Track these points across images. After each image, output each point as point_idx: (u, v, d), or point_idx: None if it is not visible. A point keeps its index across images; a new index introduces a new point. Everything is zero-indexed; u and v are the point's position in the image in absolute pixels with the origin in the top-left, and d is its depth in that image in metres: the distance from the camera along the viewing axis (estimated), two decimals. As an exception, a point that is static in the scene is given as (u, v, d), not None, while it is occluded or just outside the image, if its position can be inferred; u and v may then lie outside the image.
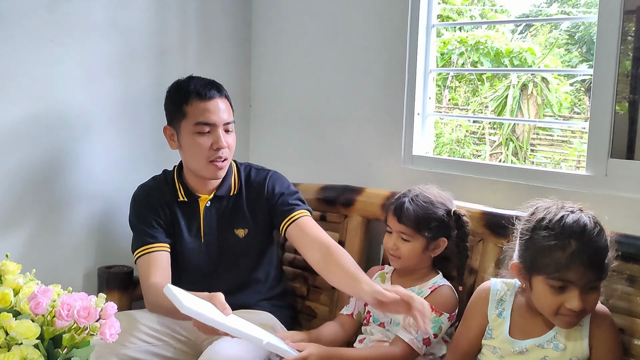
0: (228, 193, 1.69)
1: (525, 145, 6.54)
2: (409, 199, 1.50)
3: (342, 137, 2.05)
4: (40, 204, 1.76)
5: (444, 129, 7.07)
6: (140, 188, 1.72)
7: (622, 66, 1.53)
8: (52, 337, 0.94)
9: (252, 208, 1.70)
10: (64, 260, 1.81)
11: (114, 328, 0.94)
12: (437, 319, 1.43)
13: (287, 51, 2.17)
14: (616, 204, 1.50)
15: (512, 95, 6.55)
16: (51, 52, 1.72)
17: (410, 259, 1.51)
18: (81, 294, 0.94)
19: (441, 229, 1.50)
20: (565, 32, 7.54)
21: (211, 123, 1.59)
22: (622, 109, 1.57)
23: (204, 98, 1.59)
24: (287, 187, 1.72)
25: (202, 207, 1.69)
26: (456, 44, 7.15)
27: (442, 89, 7.41)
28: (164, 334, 1.61)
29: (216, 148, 1.59)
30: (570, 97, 7.06)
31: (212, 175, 1.65)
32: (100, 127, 1.86)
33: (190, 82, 1.64)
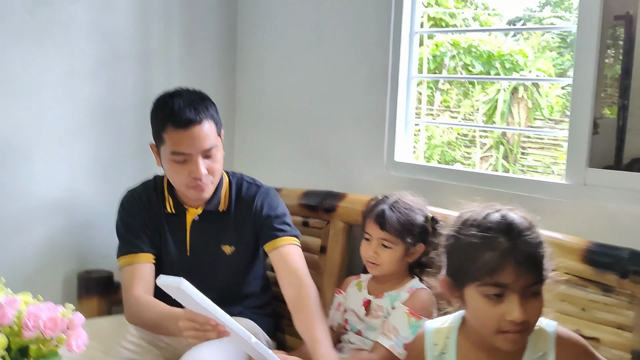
0: (217, 208, 1.65)
1: (516, 149, 6.58)
2: (388, 206, 1.50)
3: (325, 142, 2.05)
4: (17, 208, 1.74)
5: (435, 131, 7.09)
6: (129, 195, 1.68)
7: (612, 70, 1.54)
8: (19, 347, 0.93)
9: (240, 225, 1.67)
10: (42, 265, 1.80)
11: (80, 339, 0.93)
12: (416, 322, 1.43)
13: (272, 57, 2.17)
14: (595, 213, 1.51)
15: (503, 99, 6.58)
16: (32, 54, 1.71)
17: (391, 265, 1.50)
18: (48, 304, 0.93)
19: (421, 234, 1.50)
20: (557, 35, 7.58)
21: (186, 153, 1.52)
22: (612, 113, 1.58)
23: (180, 126, 1.50)
24: (275, 209, 1.66)
25: (190, 220, 1.66)
26: (448, 47, 7.18)
27: (434, 91, 7.43)
28: (143, 339, 1.61)
29: (194, 177, 1.55)
30: (561, 101, 7.10)
31: (194, 197, 1.61)
32: (82, 131, 1.86)
33: (172, 101, 1.54)
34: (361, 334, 1.51)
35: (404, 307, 1.44)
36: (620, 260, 1.34)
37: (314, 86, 2.06)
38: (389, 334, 1.42)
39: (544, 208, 1.58)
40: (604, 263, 1.36)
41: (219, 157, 1.59)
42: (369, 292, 1.56)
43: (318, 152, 2.07)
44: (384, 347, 1.41)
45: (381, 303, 1.51)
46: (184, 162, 1.53)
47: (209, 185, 1.59)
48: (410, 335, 1.42)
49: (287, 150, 2.16)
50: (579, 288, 1.40)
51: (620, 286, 1.34)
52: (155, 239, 1.65)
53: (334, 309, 1.61)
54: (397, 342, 1.41)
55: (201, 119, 1.52)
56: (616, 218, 1.47)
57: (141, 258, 1.60)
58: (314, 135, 2.08)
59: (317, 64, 2.04)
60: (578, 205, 1.53)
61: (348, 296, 1.60)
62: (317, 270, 1.86)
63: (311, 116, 2.08)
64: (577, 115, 1.53)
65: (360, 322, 1.52)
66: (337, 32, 1.98)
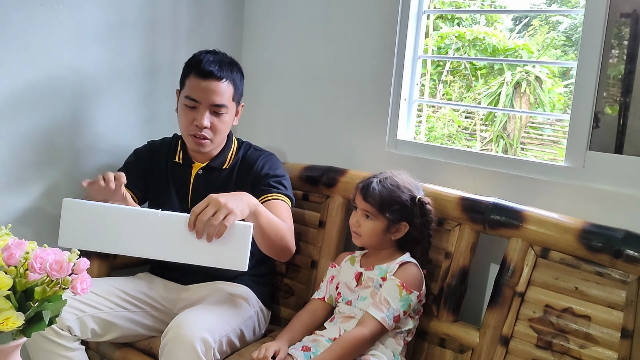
0: (221, 166, 1.74)
1: (516, 143, 6.58)
2: (377, 180, 1.53)
3: (329, 119, 2.06)
4: (27, 168, 1.76)
5: (436, 123, 7.08)
6: (146, 144, 1.83)
7: (616, 70, 1.55)
8: (24, 289, 0.95)
9: (241, 184, 1.72)
10: (43, 227, 1.81)
11: (85, 283, 0.95)
12: (407, 296, 1.46)
13: (278, 32, 2.18)
14: (593, 195, 1.53)
15: (505, 93, 6.58)
16: (41, 16, 1.72)
17: (371, 237, 1.54)
18: (55, 249, 0.95)
19: (403, 213, 1.52)
20: (562, 33, 7.56)
21: (196, 100, 1.63)
22: (613, 112, 1.59)
23: (200, 75, 1.62)
24: (275, 170, 1.73)
25: (194, 173, 1.74)
26: (453, 39, 7.16)
27: (436, 83, 7.42)
28: (140, 300, 1.64)
29: (195, 125, 1.63)
30: (563, 99, 7.10)
31: (192, 147, 1.69)
32: (88, 95, 1.86)
33: (204, 55, 1.67)
34: (351, 304, 1.54)
35: (396, 280, 1.47)
36: (614, 241, 1.36)
37: (319, 63, 2.07)
38: (380, 306, 1.44)
39: (543, 189, 1.61)
40: (599, 243, 1.38)
41: (226, 119, 1.66)
42: (360, 266, 1.58)
43: (321, 128, 2.08)
44: (375, 319, 1.44)
45: (371, 275, 1.54)
46: (192, 108, 1.64)
47: (208, 142, 1.66)
48: (401, 308, 1.44)
49: (290, 125, 2.17)
50: (573, 266, 1.43)
51: (613, 266, 1.37)
52: (157, 188, 1.75)
53: (327, 281, 1.64)
54: (389, 314, 1.44)
55: (221, 76, 1.63)
56: (613, 200, 1.49)
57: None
58: (317, 111, 2.09)
59: (324, 41, 2.05)
60: (577, 187, 1.55)
61: (341, 270, 1.63)
62: (314, 244, 1.88)
63: (315, 92, 2.09)
64: (579, 98, 1.55)
65: (352, 293, 1.56)
66: (345, 10, 1.98)
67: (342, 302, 1.57)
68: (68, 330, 1.47)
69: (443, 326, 1.59)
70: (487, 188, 1.68)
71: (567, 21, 7.67)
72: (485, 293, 1.67)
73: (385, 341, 1.48)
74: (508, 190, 1.65)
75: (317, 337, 1.53)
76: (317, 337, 1.53)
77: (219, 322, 1.45)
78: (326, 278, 1.65)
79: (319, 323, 1.59)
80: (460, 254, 1.59)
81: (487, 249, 1.64)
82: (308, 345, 1.48)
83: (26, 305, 0.95)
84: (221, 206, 1.32)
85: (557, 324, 1.43)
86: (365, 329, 1.43)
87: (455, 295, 1.59)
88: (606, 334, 1.36)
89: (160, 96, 2.06)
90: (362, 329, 1.43)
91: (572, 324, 1.41)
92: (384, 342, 1.48)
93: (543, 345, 1.44)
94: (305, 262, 1.89)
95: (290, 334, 1.54)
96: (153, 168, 1.77)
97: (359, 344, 1.42)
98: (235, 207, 1.34)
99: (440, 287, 1.61)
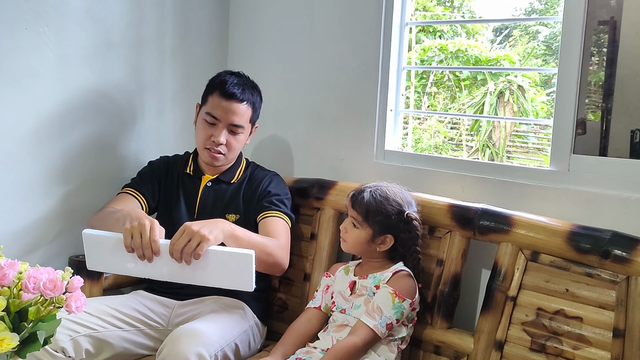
0: (229, 180, 1.81)
1: (502, 152, 6.66)
2: (369, 190, 1.55)
3: (316, 131, 2.08)
4: (7, 192, 1.75)
5: (422, 134, 7.15)
6: (159, 158, 1.90)
7: (596, 77, 1.58)
8: (18, 310, 0.95)
9: (247, 199, 1.79)
10: (33, 249, 1.81)
11: (79, 301, 0.95)
12: (400, 304, 1.46)
13: (263, 48, 2.20)
14: (578, 197, 1.55)
15: (489, 102, 6.66)
16: (26, 39, 1.72)
17: (355, 245, 1.56)
18: (48, 269, 0.95)
19: (387, 224, 1.53)
20: (542, 42, 7.68)
21: (217, 118, 1.72)
22: (595, 118, 1.62)
23: (223, 96, 1.71)
24: (278, 190, 1.80)
25: (203, 185, 1.80)
26: (436, 51, 7.25)
27: (421, 95, 7.49)
28: (134, 319, 1.63)
29: (213, 140, 1.72)
30: (546, 107, 7.19)
31: (206, 160, 1.78)
32: (75, 117, 1.87)
33: (229, 76, 1.76)
34: (345, 312, 1.55)
35: (389, 288, 1.48)
36: (602, 242, 1.38)
37: (305, 77, 2.09)
38: (373, 314, 1.45)
39: (530, 193, 1.63)
40: (587, 244, 1.40)
41: (240, 138, 1.77)
42: (354, 275, 1.59)
43: (309, 141, 2.10)
44: (367, 326, 1.44)
45: (365, 283, 1.54)
46: (212, 124, 1.73)
47: (222, 157, 1.75)
48: (394, 316, 1.45)
49: (277, 140, 2.19)
50: (563, 269, 1.45)
51: (602, 266, 1.39)
52: (168, 198, 1.81)
53: (322, 291, 1.64)
54: (381, 322, 1.44)
55: (243, 99, 1.73)
56: (599, 202, 1.52)
57: (136, 195, 1.78)
58: (304, 124, 2.11)
59: (309, 55, 2.08)
60: (562, 190, 1.58)
61: (336, 279, 1.64)
62: (306, 256, 1.89)
63: (301, 105, 2.11)
64: (562, 102, 1.58)
65: (346, 301, 1.56)
66: (329, 24, 2.01)
67: (336, 310, 1.58)
68: (62, 352, 1.45)
69: (437, 333, 1.60)
70: (476, 194, 1.70)
71: (546, 30, 7.80)
72: (478, 299, 1.68)
73: (378, 349, 1.48)
74: (496, 195, 1.67)
75: (310, 348, 1.53)
76: (310, 348, 1.53)
77: (214, 336, 1.45)
78: (321, 287, 1.66)
79: (314, 333, 1.59)
80: (452, 260, 1.61)
81: (477, 254, 1.66)
82: (302, 358, 1.48)
83: (20, 326, 0.94)
84: (194, 234, 1.38)
85: (549, 327, 1.44)
86: (357, 337, 1.43)
87: (448, 302, 1.60)
88: (598, 334, 1.38)
89: (147, 115, 2.07)
90: (354, 337, 1.44)
91: (564, 326, 1.42)
92: (376, 350, 1.48)
93: (537, 348, 1.45)
94: (297, 275, 1.90)
95: (283, 347, 1.53)
96: (166, 178, 1.84)
97: (351, 353, 1.42)
98: (208, 233, 1.39)
99: (433, 294, 1.62)
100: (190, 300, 1.71)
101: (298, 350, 1.53)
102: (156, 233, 1.38)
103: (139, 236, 1.38)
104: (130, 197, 1.77)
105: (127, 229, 1.39)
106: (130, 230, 1.38)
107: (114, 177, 1.97)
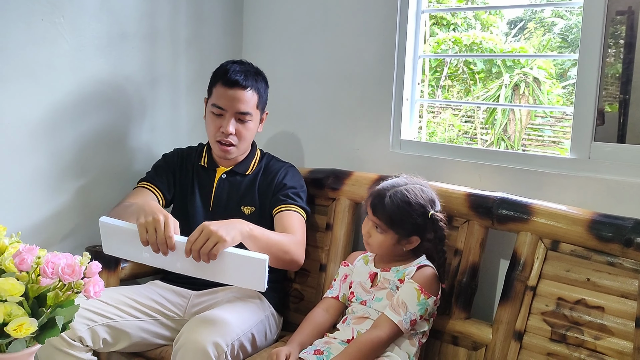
0: (244, 172, 1.80)
1: (517, 145, 6.59)
2: (388, 195, 1.48)
3: (331, 121, 2.06)
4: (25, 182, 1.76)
5: (436, 128, 7.10)
6: (173, 150, 1.89)
7: (613, 69, 1.56)
8: (36, 295, 0.95)
9: (262, 191, 1.78)
10: (50, 239, 1.81)
11: (98, 286, 0.95)
12: (425, 300, 1.44)
13: (278, 38, 2.19)
14: (599, 185, 1.53)
15: (504, 95, 6.60)
16: (42, 30, 1.73)
17: (381, 248, 1.52)
18: (66, 254, 0.95)
19: (413, 229, 1.49)
20: (558, 35, 7.59)
21: (222, 108, 1.70)
22: (612, 110, 1.59)
23: (226, 85, 1.70)
24: (296, 182, 1.79)
25: (218, 177, 1.79)
26: (450, 44, 7.19)
27: (435, 89, 7.44)
28: (151, 308, 1.63)
29: (222, 131, 1.70)
30: (562, 100, 7.11)
31: (218, 153, 1.77)
32: (89, 109, 1.87)
33: (230, 65, 1.74)
34: (365, 304, 1.53)
35: (415, 284, 1.45)
36: (624, 230, 1.36)
37: (320, 67, 2.08)
38: (398, 309, 1.43)
39: (549, 182, 1.60)
40: (609, 233, 1.38)
41: (250, 126, 1.74)
42: (375, 266, 1.57)
43: (324, 131, 2.08)
44: (392, 321, 1.42)
45: (388, 276, 1.52)
46: (219, 116, 1.72)
47: (233, 148, 1.74)
48: (418, 312, 1.43)
49: (293, 130, 2.18)
50: (584, 258, 1.42)
51: (624, 255, 1.36)
52: (183, 190, 1.80)
53: (340, 280, 1.63)
54: (405, 318, 1.42)
55: (246, 85, 1.71)
56: (620, 190, 1.49)
57: (152, 189, 1.77)
58: (320, 114, 2.10)
59: (324, 45, 2.06)
60: (583, 179, 1.55)
61: (355, 269, 1.61)
62: (322, 247, 1.88)
63: (317, 95, 2.10)
64: (583, 89, 1.55)
65: (366, 293, 1.54)
66: (344, 13, 2.00)
67: (355, 301, 1.55)
68: (80, 341, 1.46)
69: (455, 324, 1.58)
70: (494, 184, 1.68)
71: (562, 22, 7.71)
72: (496, 289, 1.66)
73: (401, 343, 1.46)
74: (514, 184, 1.65)
75: (329, 339, 1.51)
76: (329, 339, 1.51)
77: (230, 326, 1.45)
78: (339, 277, 1.64)
79: (331, 323, 1.58)
80: (470, 250, 1.59)
81: (495, 244, 1.64)
82: (320, 349, 1.47)
83: (39, 312, 0.94)
84: (211, 235, 1.37)
85: (570, 317, 1.42)
86: (382, 332, 1.42)
87: (467, 293, 1.58)
88: (620, 324, 1.35)
89: (161, 107, 2.07)
90: (379, 332, 1.42)
91: (585, 316, 1.40)
92: (399, 344, 1.46)
93: (557, 338, 1.43)
94: (313, 266, 1.89)
95: (301, 337, 1.52)
96: (180, 170, 1.83)
97: (376, 347, 1.41)
98: (225, 234, 1.38)
99: (451, 284, 1.60)
100: (206, 290, 1.72)
101: (316, 340, 1.52)
102: (171, 229, 1.37)
103: (153, 231, 1.37)
104: (146, 191, 1.76)
105: (141, 224, 1.38)
106: (144, 225, 1.38)
107: (128, 169, 1.97)
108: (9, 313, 0.91)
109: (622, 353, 1.34)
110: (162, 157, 1.88)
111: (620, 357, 1.34)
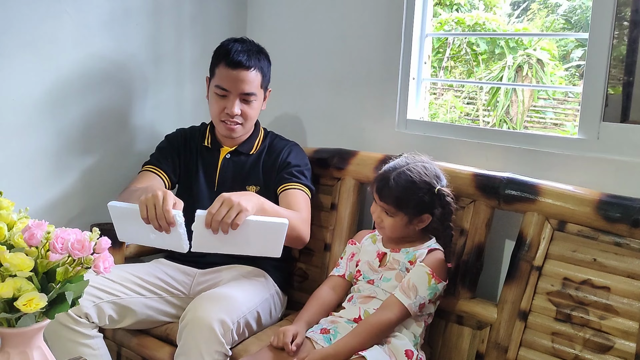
0: (248, 151, 1.79)
1: (519, 127, 6.57)
2: (392, 177, 1.47)
3: (336, 100, 2.05)
4: (30, 161, 1.75)
5: (438, 110, 7.06)
6: (176, 130, 1.87)
7: (617, 51, 1.53)
8: (46, 271, 0.95)
9: (267, 170, 1.77)
10: (56, 217, 1.81)
11: (107, 262, 0.95)
12: (436, 285, 1.44)
13: (282, 16, 2.16)
14: (607, 166, 1.52)
15: (507, 77, 6.56)
16: (46, 6, 1.71)
17: (394, 231, 1.51)
18: (75, 230, 0.94)
19: (423, 207, 1.48)
20: (562, 16, 7.52)
21: (227, 89, 1.68)
22: (615, 92, 1.57)
23: (229, 66, 1.67)
24: (300, 160, 1.78)
25: (222, 157, 1.79)
26: (453, 25, 7.13)
27: (437, 70, 7.39)
28: (156, 286, 1.63)
29: (227, 112, 1.69)
30: (564, 82, 7.07)
31: (223, 133, 1.75)
32: (92, 85, 1.85)
33: (232, 44, 1.71)
34: (373, 283, 1.53)
35: (426, 268, 1.45)
36: (632, 210, 1.35)
37: (326, 43, 2.05)
38: (409, 292, 1.43)
39: (557, 162, 1.60)
40: (616, 213, 1.37)
41: (255, 106, 1.73)
42: (383, 245, 1.57)
43: (330, 110, 2.07)
44: (402, 304, 1.42)
45: (397, 257, 1.51)
46: (223, 97, 1.70)
47: (239, 127, 1.72)
48: (427, 297, 1.43)
49: (297, 108, 2.16)
50: (590, 238, 1.42)
51: (631, 236, 1.36)
52: (185, 172, 1.79)
53: (346, 258, 1.62)
54: (415, 301, 1.42)
55: (250, 65, 1.68)
56: (629, 171, 1.48)
57: (157, 172, 1.75)
58: (325, 93, 2.08)
59: (329, 22, 2.03)
60: (591, 159, 1.54)
61: (362, 248, 1.61)
62: (326, 227, 1.88)
63: (322, 73, 2.08)
64: (592, 68, 1.53)
65: (374, 272, 1.54)
66: (351, -10, 1.97)
67: (362, 280, 1.55)
68: (86, 318, 1.47)
69: (460, 303, 1.58)
70: (500, 164, 1.67)
71: (566, 4, 7.63)
72: (501, 269, 1.66)
73: (408, 324, 1.47)
74: (521, 164, 1.64)
75: (335, 318, 1.51)
76: (335, 318, 1.51)
77: (236, 303, 1.45)
78: (346, 255, 1.63)
79: (337, 301, 1.58)
80: (476, 230, 1.58)
81: (501, 224, 1.64)
82: (327, 328, 1.47)
83: (48, 287, 0.94)
84: (233, 205, 1.35)
85: (576, 297, 1.42)
86: (392, 314, 1.42)
87: (472, 272, 1.58)
88: (626, 304, 1.36)
89: (165, 84, 2.05)
90: (389, 313, 1.42)
91: (591, 296, 1.40)
92: (406, 325, 1.47)
93: (562, 318, 1.44)
94: (318, 246, 1.89)
95: (308, 315, 1.52)
96: (185, 151, 1.81)
97: (385, 328, 1.41)
98: (246, 204, 1.37)
99: (456, 264, 1.60)
100: (211, 268, 1.72)
101: (322, 319, 1.52)
102: (169, 203, 1.36)
103: (152, 207, 1.35)
104: (152, 174, 1.75)
105: (141, 201, 1.37)
106: (144, 202, 1.36)
107: (132, 147, 1.97)
108: (19, 288, 0.91)
109: (627, 333, 1.34)
110: (165, 138, 1.85)
111: (626, 336, 1.34)
